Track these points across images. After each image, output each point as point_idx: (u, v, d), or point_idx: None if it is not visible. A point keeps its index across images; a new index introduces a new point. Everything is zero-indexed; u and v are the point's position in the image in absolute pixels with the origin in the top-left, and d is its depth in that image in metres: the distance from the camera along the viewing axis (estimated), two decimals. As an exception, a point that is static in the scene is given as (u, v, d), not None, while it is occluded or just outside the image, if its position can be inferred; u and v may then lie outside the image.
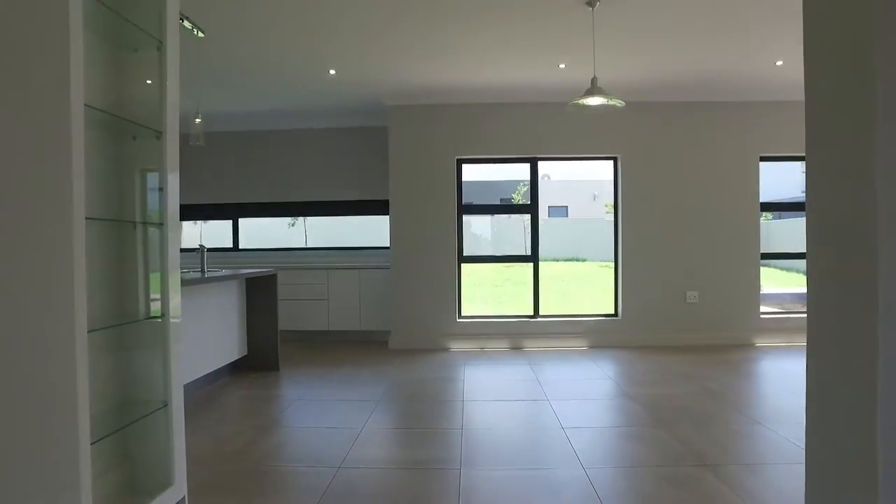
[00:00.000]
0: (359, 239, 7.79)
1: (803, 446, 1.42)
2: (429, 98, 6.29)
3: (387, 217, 6.66)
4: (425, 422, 3.85)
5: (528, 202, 6.59)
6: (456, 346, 6.35)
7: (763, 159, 6.50)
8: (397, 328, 6.44)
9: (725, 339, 6.39)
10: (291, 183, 7.51)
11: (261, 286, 5.39)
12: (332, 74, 5.52)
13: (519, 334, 6.36)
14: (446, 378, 5.02)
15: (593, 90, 3.97)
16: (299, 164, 7.51)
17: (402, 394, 4.55)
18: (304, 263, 7.23)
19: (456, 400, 4.31)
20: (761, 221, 6.55)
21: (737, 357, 5.75)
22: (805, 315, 1.42)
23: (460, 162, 6.50)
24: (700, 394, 4.36)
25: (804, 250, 1.40)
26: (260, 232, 8.20)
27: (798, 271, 18.09)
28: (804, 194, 1.43)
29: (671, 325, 6.38)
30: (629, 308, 6.38)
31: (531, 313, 6.52)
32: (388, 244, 6.70)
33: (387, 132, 6.63)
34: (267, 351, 5.40)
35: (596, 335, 6.36)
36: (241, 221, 7.82)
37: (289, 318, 6.67)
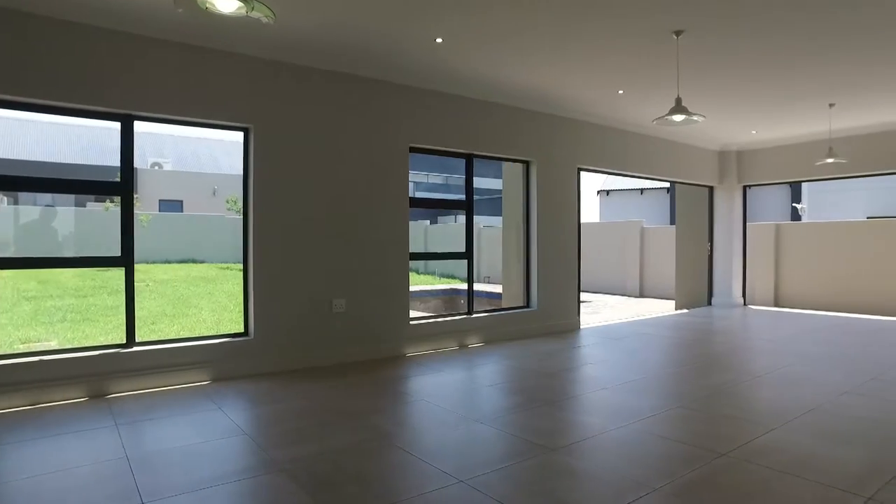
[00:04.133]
0: None
1: None
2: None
3: None
4: None
5: (119, 180, 4.45)
6: (-15, 405, 3.86)
7: (412, 150, 5.93)
8: None
9: (376, 353, 5.55)
10: None
11: None
12: None
13: (103, 375, 4.23)
14: (-60, 483, 2.71)
15: (225, -14, 2.42)
16: None
17: None
18: None
19: (-57, 543, 2.18)
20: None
21: (393, 374, 4.93)
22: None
23: (-4, 106, 4.01)
24: (372, 441, 3.24)
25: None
26: None
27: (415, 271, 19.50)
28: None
29: (316, 342, 5.21)
30: (264, 324, 4.95)
31: (123, 341, 4.45)
32: None
33: None
34: None
35: (221, 363, 4.72)
36: None
37: None
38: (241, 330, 5.01)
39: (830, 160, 6.95)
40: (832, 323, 7.99)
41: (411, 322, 5.88)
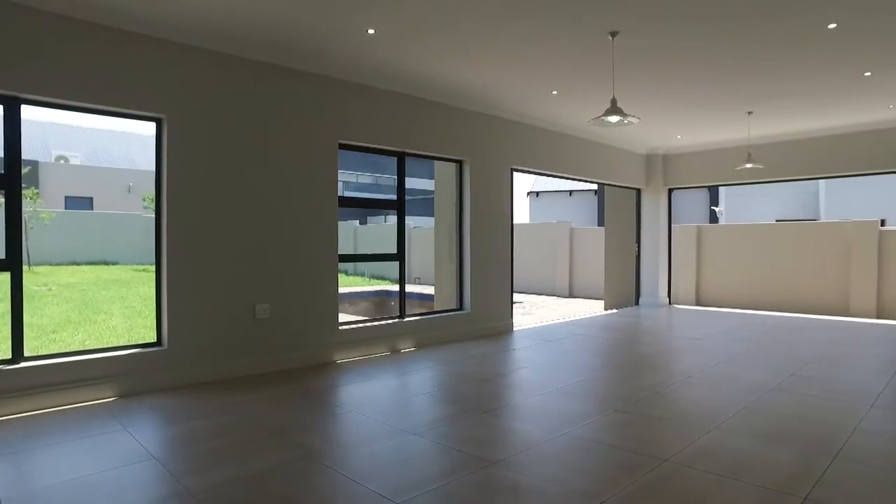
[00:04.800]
0: None
1: None
2: None
3: None
4: None
5: (3, 171, 3.92)
6: None
7: (342, 147, 5.65)
8: None
9: (303, 360, 5.24)
10: None
11: None
12: None
13: (-14, 394, 3.72)
14: None
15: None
16: None
17: None
18: None
19: None
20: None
21: (322, 384, 4.64)
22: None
23: None
24: (299, 461, 2.97)
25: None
26: None
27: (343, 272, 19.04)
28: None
29: (238, 350, 4.85)
30: (179, 332, 4.54)
31: (9, 356, 3.93)
32: None
33: None
34: None
35: (129, 377, 4.28)
36: None
37: None
38: (154, 339, 4.57)
39: (749, 165, 7.23)
40: (749, 321, 8.34)
41: (341, 327, 5.60)
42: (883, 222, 9.34)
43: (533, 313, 9.69)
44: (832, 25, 4.50)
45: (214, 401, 4.09)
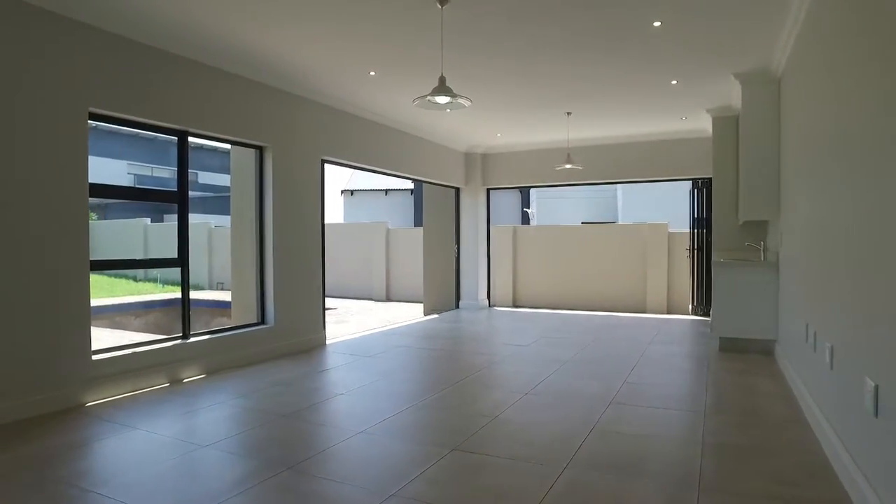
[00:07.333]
0: None
1: None
2: None
3: None
4: None
5: None
6: None
7: (96, 118, 4.25)
8: None
9: (32, 409, 3.76)
10: None
11: None
12: None
13: None
14: None
15: None
16: None
17: None
18: None
19: None
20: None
21: (55, 446, 3.27)
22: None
23: None
24: None
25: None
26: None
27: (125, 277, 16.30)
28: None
29: (-86, 406, 3.26)
30: None
31: None
32: None
33: None
34: None
35: None
36: None
37: None
38: None
39: (568, 166, 7.18)
40: (565, 321, 8.39)
41: (95, 356, 4.20)
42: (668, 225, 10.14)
43: (348, 321, 8.83)
44: (657, 23, 4.34)
45: None
